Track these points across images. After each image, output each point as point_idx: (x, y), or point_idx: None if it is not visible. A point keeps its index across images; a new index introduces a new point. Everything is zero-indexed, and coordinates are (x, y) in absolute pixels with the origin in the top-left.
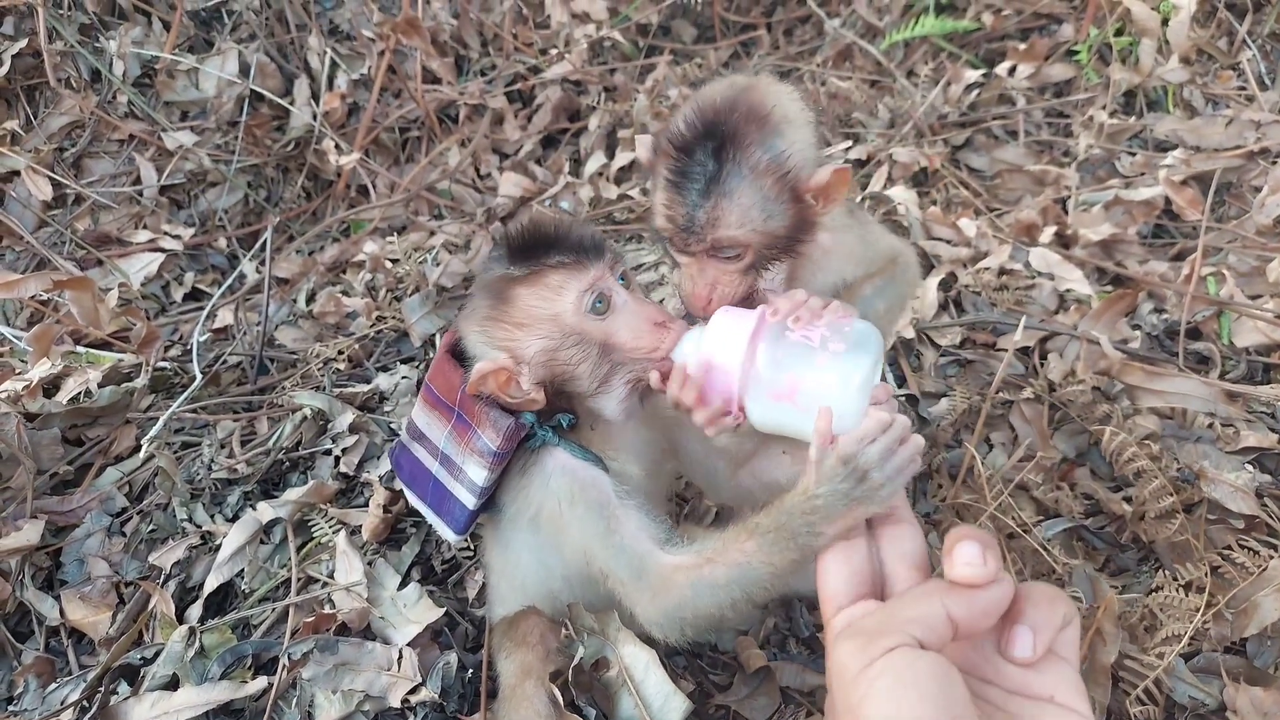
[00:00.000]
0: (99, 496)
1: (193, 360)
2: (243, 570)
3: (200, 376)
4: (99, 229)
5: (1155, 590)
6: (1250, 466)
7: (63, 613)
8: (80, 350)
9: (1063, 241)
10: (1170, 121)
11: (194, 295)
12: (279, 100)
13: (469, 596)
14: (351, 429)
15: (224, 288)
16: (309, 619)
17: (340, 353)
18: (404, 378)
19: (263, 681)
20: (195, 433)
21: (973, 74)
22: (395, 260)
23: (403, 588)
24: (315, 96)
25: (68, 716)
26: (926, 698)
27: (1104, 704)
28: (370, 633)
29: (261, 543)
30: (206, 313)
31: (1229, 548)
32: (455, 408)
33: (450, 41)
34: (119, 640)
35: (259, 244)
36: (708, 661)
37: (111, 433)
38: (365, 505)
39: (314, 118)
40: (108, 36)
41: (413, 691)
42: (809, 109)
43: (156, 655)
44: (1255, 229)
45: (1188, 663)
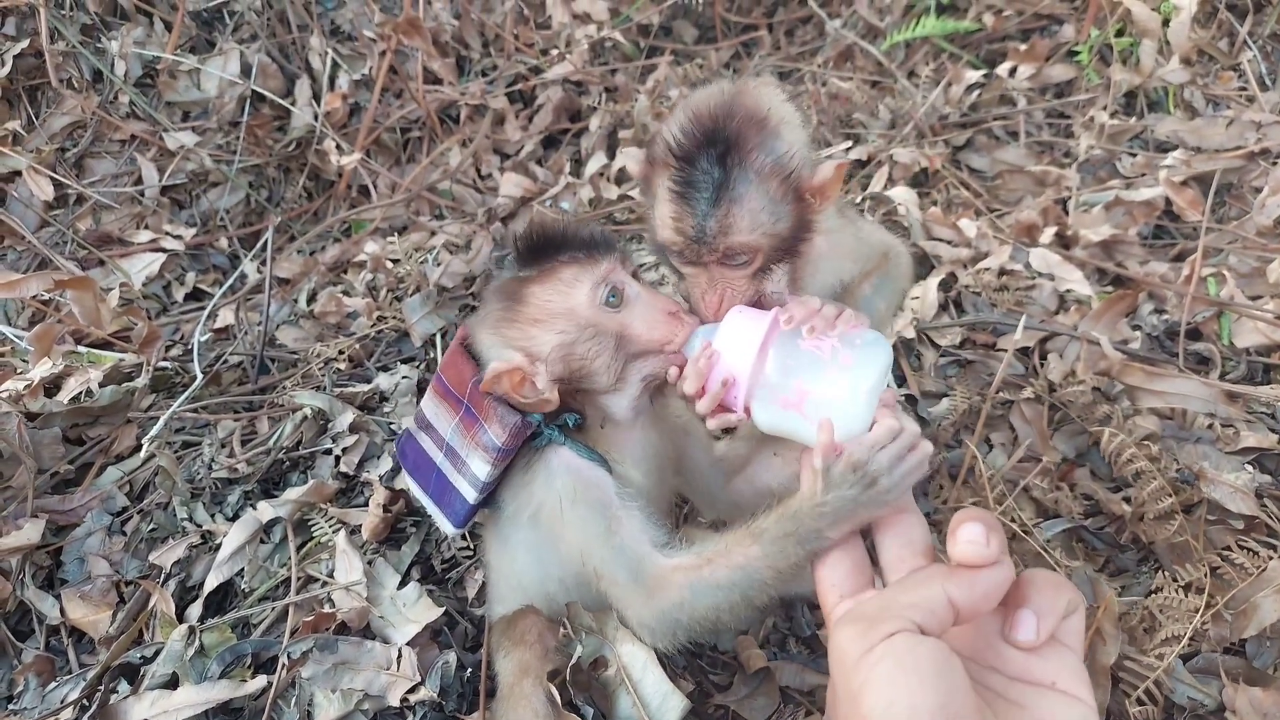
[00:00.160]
0: (100, 496)
1: (194, 360)
2: (243, 569)
3: (201, 376)
4: (100, 229)
5: (1155, 591)
6: (1250, 467)
7: (63, 611)
8: (81, 350)
9: (1063, 242)
10: (1171, 122)
11: (195, 295)
12: (280, 100)
13: (468, 596)
14: (352, 429)
15: (225, 287)
16: (308, 618)
17: (341, 353)
18: (404, 378)
19: (262, 680)
20: (196, 432)
21: (974, 75)
22: (396, 260)
23: (402, 587)
24: (317, 97)
25: (68, 715)
26: (926, 683)
27: (1104, 704)
28: (370, 632)
29: (261, 542)
30: (208, 312)
31: (1228, 548)
32: (464, 400)
33: (451, 42)
34: (119, 639)
35: (260, 244)
36: (707, 661)
37: (112, 432)
38: (365, 505)
39: (315, 118)
40: (109, 37)
41: (412, 690)
42: (798, 108)
43: (156, 654)
44: (1256, 230)
45: (1186, 663)
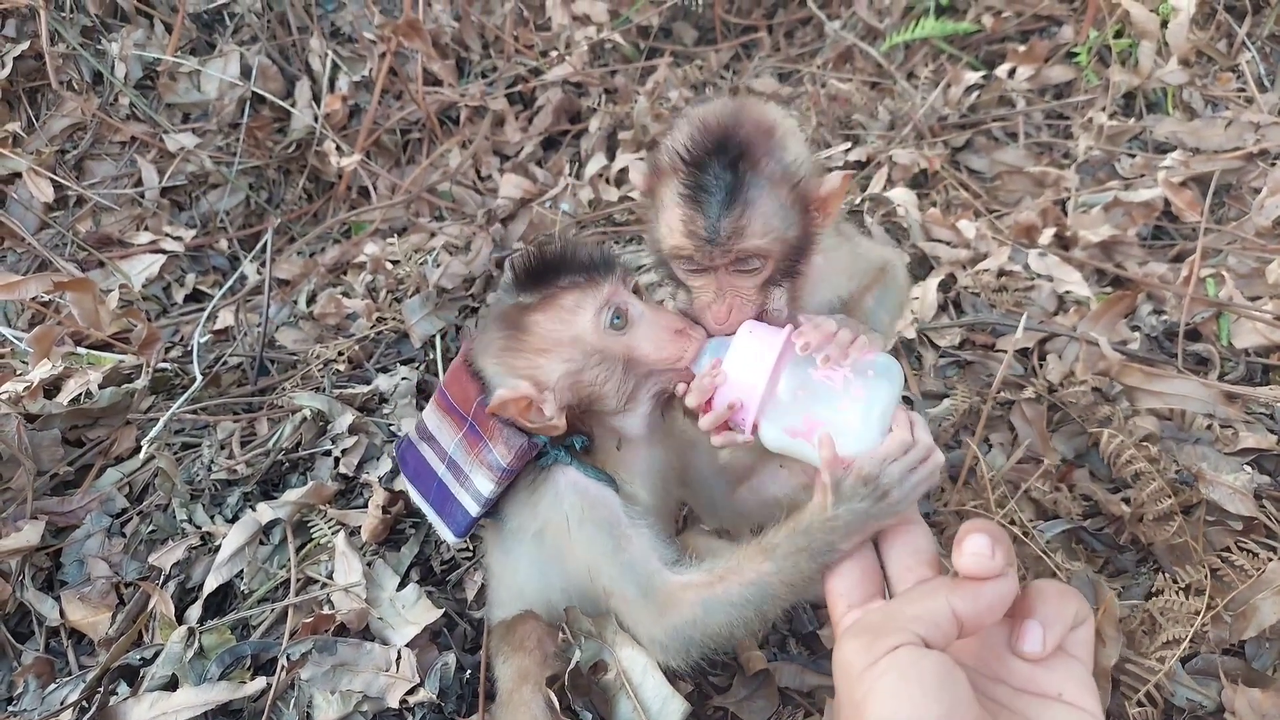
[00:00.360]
0: (99, 497)
1: (193, 361)
2: (242, 571)
3: (201, 377)
4: (100, 230)
5: (1155, 594)
6: (1249, 468)
7: (63, 613)
8: (81, 351)
9: (1062, 243)
10: (1169, 123)
11: (195, 296)
12: (280, 102)
13: (468, 598)
14: (351, 430)
15: (225, 289)
16: (308, 620)
17: (340, 354)
18: (404, 379)
19: (261, 682)
20: (195, 434)
21: (973, 76)
22: (396, 262)
23: (401, 589)
24: (316, 98)
25: (67, 717)
26: (929, 696)
27: (1104, 707)
28: (369, 633)
29: (261, 543)
30: (207, 314)
31: (1228, 549)
32: (468, 417)
33: (451, 44)
34: (118, 641)
35: (260, 245)
36: (708, 662)
37: (112, 434)
38: (364, 506)
39: (315, 119)
40: (109, 39)
41: (411, 692)
42: (799, 123)
43: (156, 656)
44: (1254, 230)
45: (1185, 665)
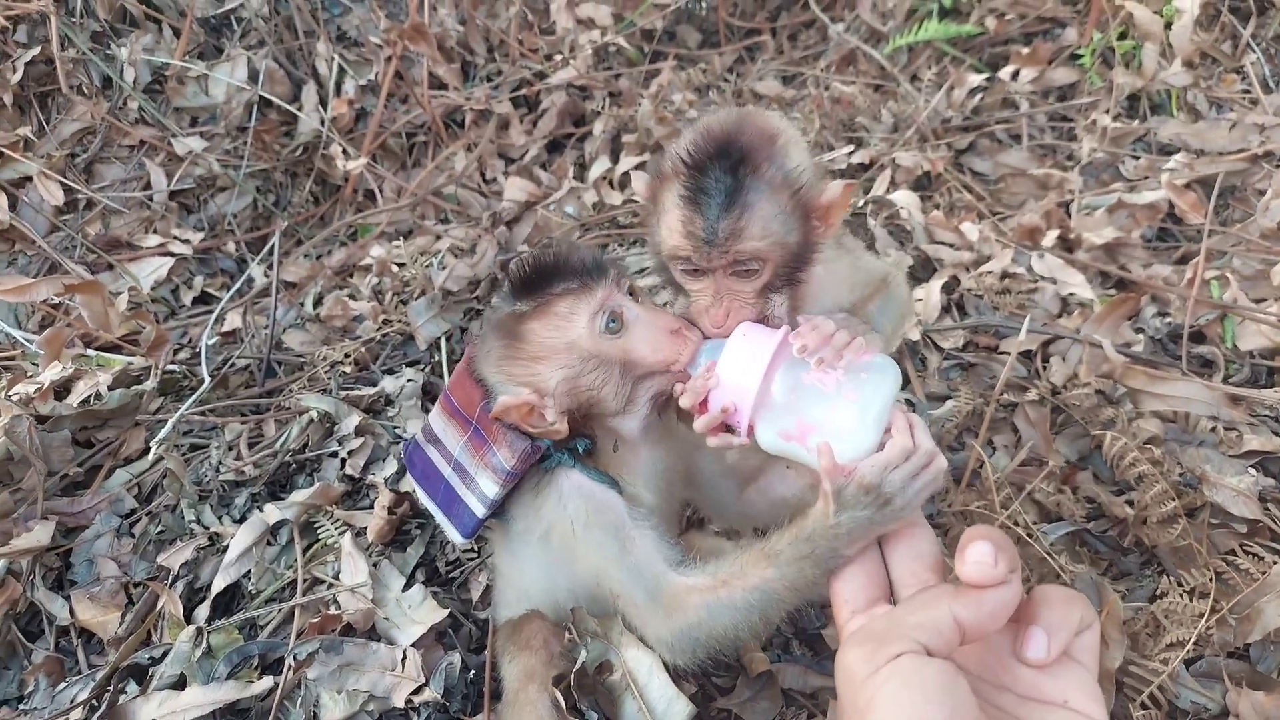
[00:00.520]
0: (108, 498)
1: (201, 363)
2: (249, 571)
3: (209, 379)
4: (109, 233)
5: (1159, 596)
6: (1253, 470)
7: (72, 612)
8: (90, 354)
9: (1066, 245)
10: (1174, 125)
11: (203, 299)
12: (287, 106)
13: (473, 598)
14: (357, 432)
15: (232, 291)
16: (314, 620)
17: (347, 356)
18: (410, 381)
19: (269, 681)
20: (203, 435)
21: (976, 78)
22: (401, 264)
23: (407, 589)
24: (323, 102)
25: (77, 715)
26: (932, 704)
27: (1109, 709)
28: (375, 633)
29: (268, 544)
30: (215, 316)
31: (1232, 552)
32: (473, 421)
33: (456, 48)
34: (127, 640)
35: (267, 248)
36: (711, 663)
37: (121, 435)
38: (371, 507)
39: (322, 123)
40: (119, 43)
41: (416, 692)
42: (802, 135)
43: (164, 655)
44: (1259, 232)
45: (1190, 668)
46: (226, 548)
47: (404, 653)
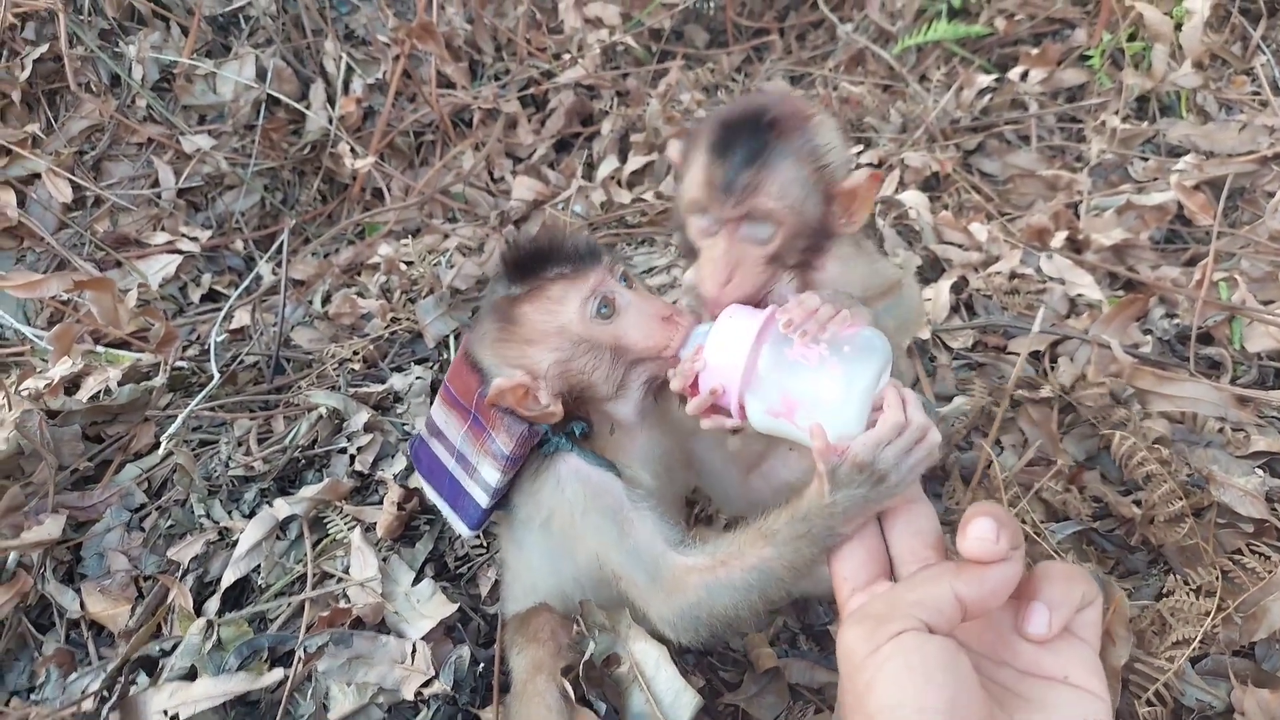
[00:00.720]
0: (119, 492)
1: (210, 360)
2: (259, 565)
3: (218, 376)
4: (118, 231)
5: (1166, 594)
6: (1260, 471)
7: (83, 605)
8: (100, 350)
9: (1074, 246)
10: (1183, 127)
11: (211, 296)
12: (295, 104)
13: (481, 593)
14: (366, 428)
15: (241, 289)
16: (324, 613)
17: (355, 353)
18: (418, 378)
19: (279, 673)
20: (213, 430)
21: (985, 79)
22: (410, 263)
23: (416, 583)
24: (331, 101)
25: (89, 705)
26: (933, 682)
27: (1113, 706)
28: (384, 627)
29: (278, 539)
30: (224, 313)
31: (1239, 552)
32: (472, 410)
33: (464, 46)
34: (138, 632)
35: (275, 246)
36: (717, 658)
37: (131, 430)
38: (380, 503)
39: (330, 122)
40: (127, 41)
41: (426, 685)
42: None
43: (175, 647)
44: (1268, 234)
45: (1195, 665)
46: (236, 542)
47: (413, 646)
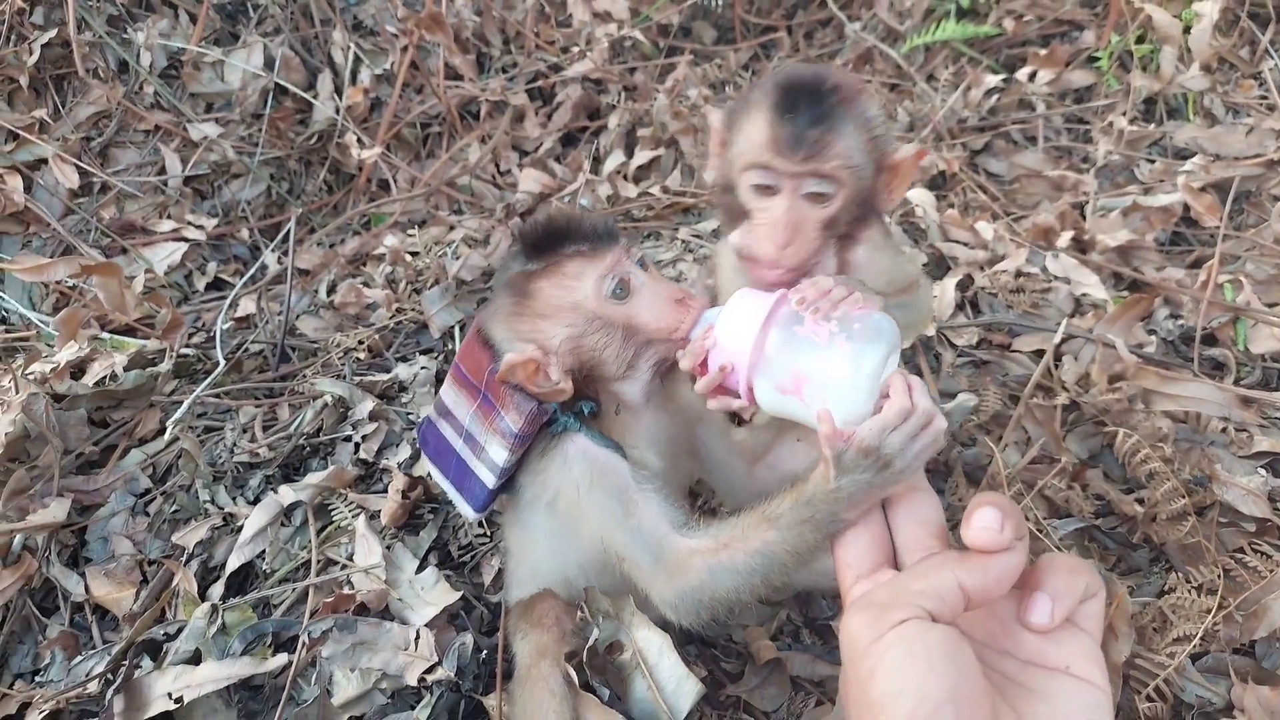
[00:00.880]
0: (124, 477)
1: (216, 347)
2: (264, 551)
3: (223, 363)
4: (124, 217)
5: (1167, 592)
6: (1263, 471)
7: (87, 589)
8: (105, 336)
9: (1080, 246)
10: (1190, 129)
11: (216, 285)
12: (302, 94)
13: (485, 581)
14: (371, 417)
15: (246, 277)
16: (328, 599)
17: (360, 343)
18: (423, 368)
19: (283, 658)
20: (218, 417)
21: (993, 79)
22: (415, 253)
23: (420, 571)
24: (338, 91)
25: (93, 688)
26: (936, 670)
27: (1114, 701)
28: (388, 613)
29: (282, 525)
30: (229, 301)
31: (1240, 550)
32: (482, 388)
33: (472, 38)
34: (142, 616)
35: (281, 235)
36: (720, 650)
37: (136, 415)
38: (384, 491)
39: (337, 112)
40: (135, 28)
41: (429, 671)
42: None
43: (179, 631)
44: (1273, 237)
45: (1196, 662)
46: (241, 528)
47: (417, 633)
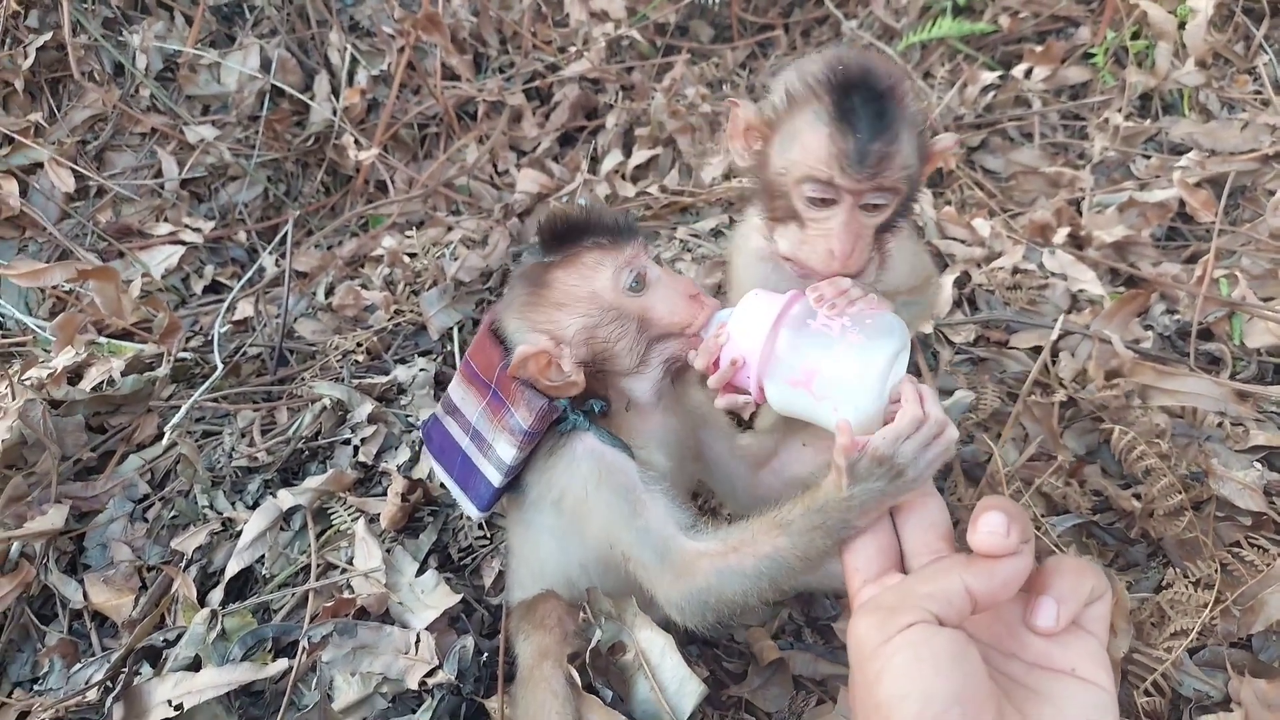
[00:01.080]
0: (122, 483)
1: (213, 351)
2: (263, 556)
3: (221, 367)
4: (120, 221)
5: (1165, 586)
6: (1259, 465)
7: (86, 596)
8: (102, 340)
9: (1076, 243)
10: (1185, 125)
11: (213, 288)
12: (299, 95)
13: (485, 584)
14: (370, 419)
15: (244, 280)
16: (328, 603)
17: (359, 345)
18: (422, 370)
19: (283, 664)
20: (216, 421)
21: (989, 76)
22: (413, 255)
23: (420, 574)
24: (335, 92)
25: (92, 696)
26: (942, 673)
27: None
28: (389, 617)
29: (281, 529)
30: (227, 305)
31: (1237, 545)
32: (492, 385)
33: (469, 39)
34: (142, 622)
35: (279, 238)
36: (723, 650)
37: (134, 420)
38: (384, 494)
39: (334, 113)
40: (131, 30)
41: (430, 674)
42: None
43: (179, 638)
44: (1269, 232)
45: (1193, 656)
46: (240, 533)
47: (417, 636)
